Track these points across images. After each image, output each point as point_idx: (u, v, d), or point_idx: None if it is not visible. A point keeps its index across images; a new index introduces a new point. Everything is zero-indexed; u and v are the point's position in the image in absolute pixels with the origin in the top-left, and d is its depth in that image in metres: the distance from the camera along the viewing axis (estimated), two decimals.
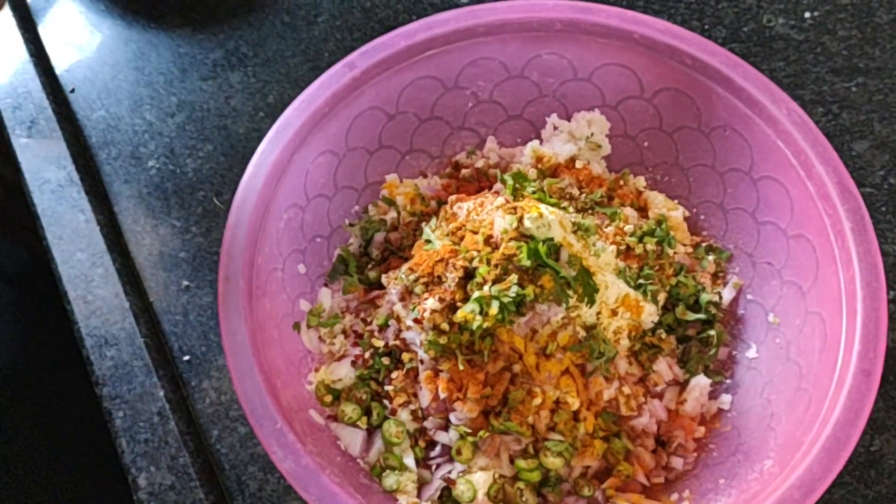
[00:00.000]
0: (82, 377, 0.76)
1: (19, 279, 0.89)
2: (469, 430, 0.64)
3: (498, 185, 0.73)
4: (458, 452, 0.64)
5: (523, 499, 0.64)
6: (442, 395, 0.63)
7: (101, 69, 0.93)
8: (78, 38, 0.95)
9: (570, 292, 0.63)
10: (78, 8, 0.97)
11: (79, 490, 0.80)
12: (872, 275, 0.60)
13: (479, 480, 0.63)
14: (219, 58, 0.92)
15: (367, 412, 0.67)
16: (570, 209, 0.71)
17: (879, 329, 0.58)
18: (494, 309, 0.61)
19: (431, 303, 0.63)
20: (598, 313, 0.66)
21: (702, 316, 0.71)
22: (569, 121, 0.77)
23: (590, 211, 0.73)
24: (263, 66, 0.91)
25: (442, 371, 0.64)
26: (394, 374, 0.66)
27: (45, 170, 0.85)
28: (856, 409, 0.56)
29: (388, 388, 0.66)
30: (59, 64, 0.93)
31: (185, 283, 0.80)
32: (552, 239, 0.63)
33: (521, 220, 0.63)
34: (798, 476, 0.55)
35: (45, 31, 0.96)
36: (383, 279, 0.70)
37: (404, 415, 0.65)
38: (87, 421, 0.80)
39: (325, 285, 0.73)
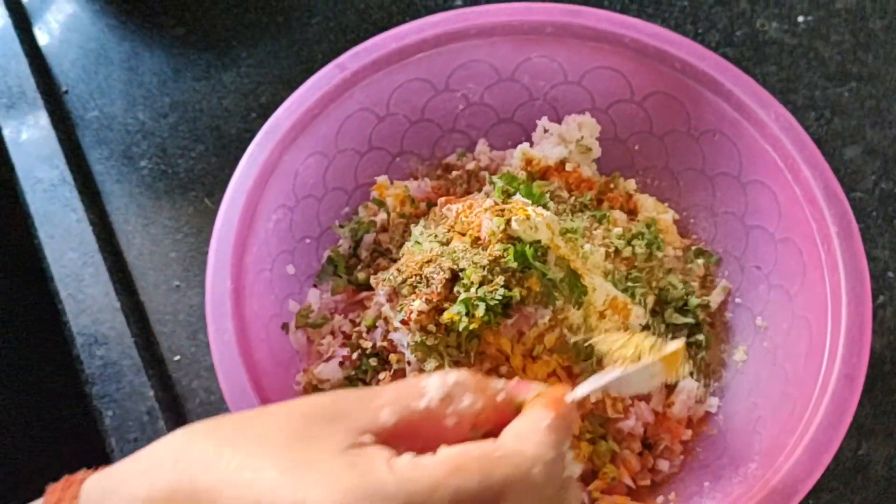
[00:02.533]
0: (72, 376, 0.77)
1: (11, 277, 0.89)
2: None
3: (487, 187, 0.74)
4: None
5: None
6: None
7: (94, 69, 0.93)
8: (72, 38, 0.95)
9: (558, 294, 0.63)
10: (73, 8, 0.97)
11: None
12: (857, 280, 0.60)
13: None
14: (212, 58, 0.93)
15: None
16: (562, 208, 0.71)
17: (863, 334, 0.59)
18: (481, 311, 0.61)
19: (418, 304, 0.63)
20: (586, 316, 0.66)
21: (690, 320, 0.71)
22: (559, 124, 0.77)
23: (579, 213, 0.73)
24: (256, 66, 0.92)
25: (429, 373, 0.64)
26: (381, 376, 0.66)
27: (38, 169, 0.85)
28: (839, 413, 0.56)
29: None
30: (54, 63, 0.94)
31: (176, 282, 0.80)
32: (539, 241, 0.63)
33: (508, 222, 0.63)
34: (780, 479, 0.55)
35: (39, 31, 0.96)
36: (372, 280, 0.70)
37: None
38: (75, 419, 0.80)
39: (314, 286, 0.73)
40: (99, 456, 0.73)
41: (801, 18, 0.92)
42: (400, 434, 0.39)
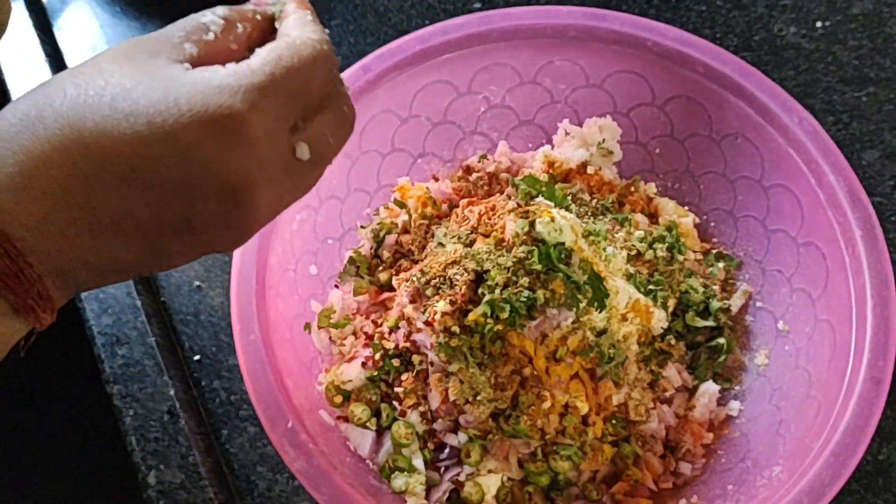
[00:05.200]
0: (92, 375, 0.77)
1: None
2: (478, 433, 0.64)
3: (509, 190, 0.74)
4: (467, 455, 0.64)
5: (532, 502, 0.64)
6: (452, 398, 0.64)
7: None
8: (93, 39, 0.96)
9: (581, 297, 0.64)
10: (94, 9, 0.98)
11: (86, 487, 0.80)
12: (883, 283, 0.61)
13: (488, 483, 0.64)
14: None
15: (377, 413, 0.67)
16: (583, 211, 0.72)
17: (889, 337, 0.59)
18: (505, 312, 0.61)
19: (442, 305, 0.63)
20: (608, 318, 0.66)
21: (711, 323, 0.71)
22: (580, 127, 0.78)
23: (600, 216, 0.73)
24: None
25: (452, 374, 0.64)
26: (404, 376, 0.67)
27: None
28: (865, 416, 0.57)
29: (398, 389, 0.67)
30: (74, 65, 0.94)
31: (197, 283, 0.81)
32: (563, 243, 0.63)
33: (532, 224, 0.63)
34: (807, 482, 0.55)
35: (60, 32, 0.96)
36: (394, 281, 0.70)
37: (414, 416, 0.66)
38: (95, 418, 0.80)
39: (336, 287, 0.73)
40: (118, 455, 0.74)
41: (818, 23, 0.92)
42: (203, 63, 0.42)
